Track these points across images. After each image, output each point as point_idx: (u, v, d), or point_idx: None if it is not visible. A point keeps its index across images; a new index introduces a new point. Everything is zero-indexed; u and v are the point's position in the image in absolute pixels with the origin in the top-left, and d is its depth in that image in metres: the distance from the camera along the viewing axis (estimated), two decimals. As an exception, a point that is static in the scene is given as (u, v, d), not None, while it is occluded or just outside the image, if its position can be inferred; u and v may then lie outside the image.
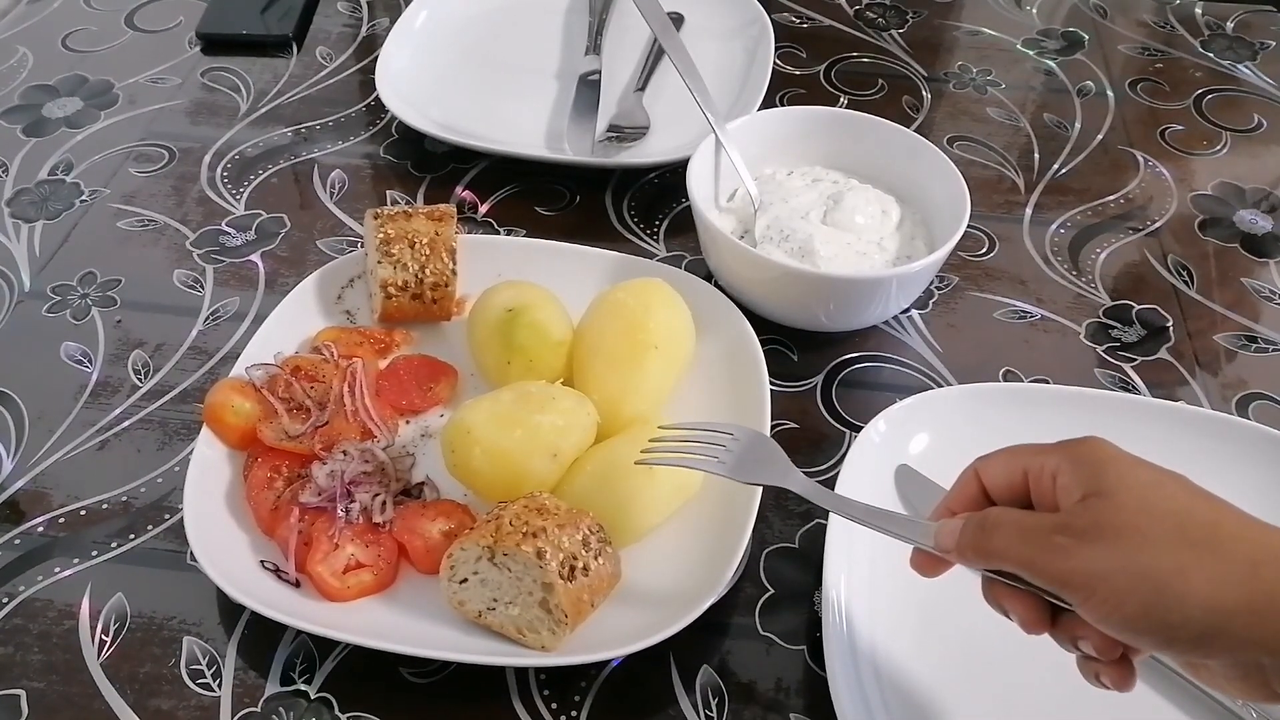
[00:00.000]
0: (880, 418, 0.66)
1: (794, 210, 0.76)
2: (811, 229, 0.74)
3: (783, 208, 0.76)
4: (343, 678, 0.58)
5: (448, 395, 0.70)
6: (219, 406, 0.65)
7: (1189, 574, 0.40)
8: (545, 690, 0.57)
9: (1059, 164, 0.92)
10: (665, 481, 0.61)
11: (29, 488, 0.66)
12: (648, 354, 0.66)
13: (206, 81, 0.98)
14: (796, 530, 0.65)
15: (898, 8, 1.10)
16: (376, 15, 1.07)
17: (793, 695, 0.58)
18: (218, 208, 0.85)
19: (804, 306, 0.73)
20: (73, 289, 0.78)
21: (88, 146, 0.91)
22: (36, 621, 0.60)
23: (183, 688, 0.57)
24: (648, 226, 0.85)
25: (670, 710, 0.57)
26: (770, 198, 0.78)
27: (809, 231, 0.73)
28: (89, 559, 0.62)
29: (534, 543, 0.54)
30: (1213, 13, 1.10)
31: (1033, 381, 0.73)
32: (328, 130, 0.93)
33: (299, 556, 0.60)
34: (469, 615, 0.57)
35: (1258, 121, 0.97)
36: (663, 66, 0.98)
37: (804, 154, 0.82)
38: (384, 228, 0.72)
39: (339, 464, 0.63)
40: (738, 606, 0.61)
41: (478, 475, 0.61)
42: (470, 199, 0.87)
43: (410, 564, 0.61)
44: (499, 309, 0.68)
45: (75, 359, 0.73)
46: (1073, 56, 1.04)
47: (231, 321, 0.76)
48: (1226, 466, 0.65)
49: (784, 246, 0.73)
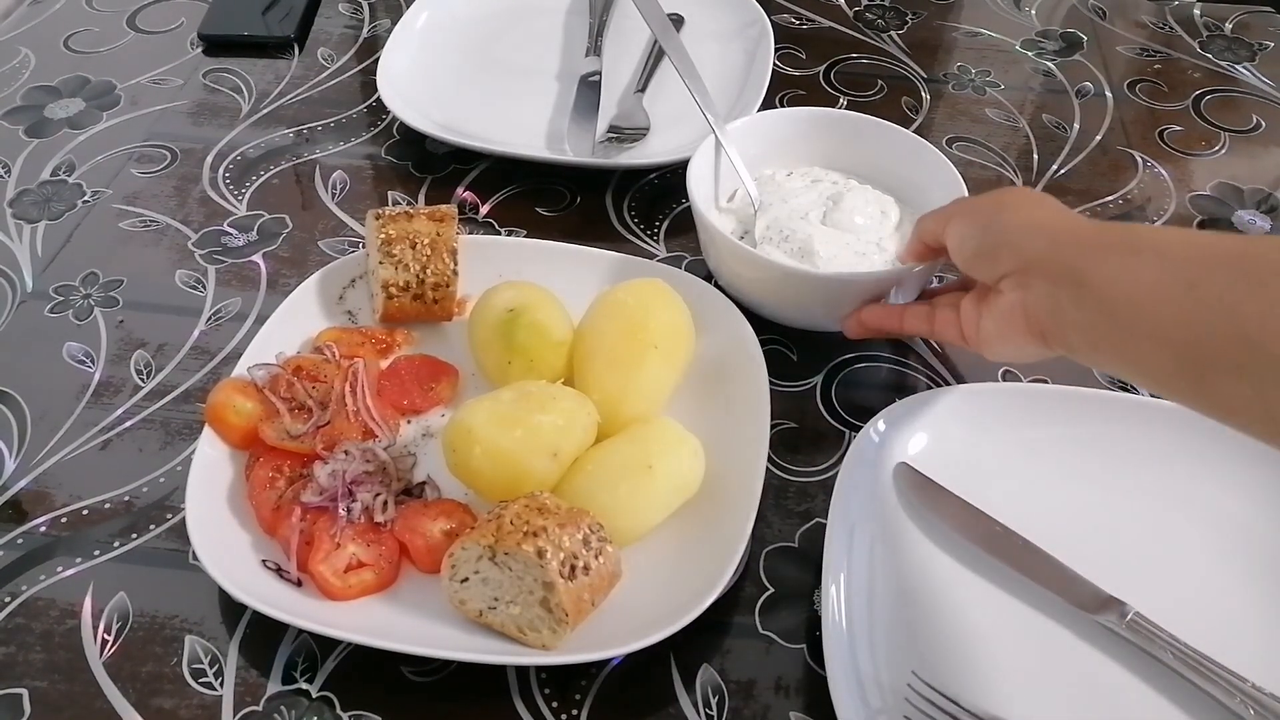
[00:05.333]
0: (880, 417, 0.67)
1: (794, 211, 0.76)
2: (811, 229, 0.73)
3: (782, 208, 0.76)
4: (344, 677, 0.58)
5: (449, 395, 0.70)
6: (221, 406, 0.65)
7: (1015, 206, 0.58)
8: (546, 689, 0.58)
9: (1058, 165, 0.92)
10: (665, 481, 0.61)
11: (31, 487, 0.66)
12: (648, 354, 0.66)
13: (208, 82, 0.98)
14: (796, 530, 0.65)
15: (897, 9, 1.10)
16: (378, 16, 1.08)
17: (792, 694, 0.58)
18: (220, 208, 0.85)
19: (803, 307, 0.73)
20: (75, 289, 0.78)
21: (90, 147, 0.91)
22: (39, 621, 0.60)
23: (185, 687, 0.57)
24: (648, 227, 0.85)
25: (670, 709, 0.57)
26: (770, 198, 0.77)
27: (808, 232, 0.73)
28: (91, 558, 0.63)
29: (535, 542, 0.55)
30: (1211, 14, 1.11)
31: (1031, 381, 0.73)
32: (329, 131, 0.93)
33: (301, 556, 0.60)
34: (470, 614, 0.57)
35: (1256, 122, 0.97)
36: (663, 68, 0.98)
37: (803, 155, 0.82)
38: (385, 228, 0.72)
39: (340, 463, 0.63)
40: (738, 606, 0.61)
41: (478, 475, 0.61)
42: (471, 200, 0.87)
43: (411, 563, 0.61)
44: (500, 309, 0.69)
45: (78, 359, 0.74)
46: (1071, 58, 1.04)
47: (233, 322, 0.76)
48: (1225, 466, 0.65)
49: (784, 247, 0.73)
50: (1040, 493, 0.65)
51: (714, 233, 0.73)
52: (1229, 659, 0.55)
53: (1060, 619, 0.59)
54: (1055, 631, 0.59)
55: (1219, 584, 0.61)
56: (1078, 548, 0.61)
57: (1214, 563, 0.62)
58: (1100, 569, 0.60)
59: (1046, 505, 0.64)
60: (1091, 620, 0.58)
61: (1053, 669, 0.58)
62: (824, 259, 0.72)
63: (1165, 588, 0.59)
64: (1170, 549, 0.63)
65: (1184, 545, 0.63)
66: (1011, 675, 0.57)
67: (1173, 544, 0.63)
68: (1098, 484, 0.66)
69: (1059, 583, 0.60)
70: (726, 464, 0.64)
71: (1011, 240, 0.56)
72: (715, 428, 0.66)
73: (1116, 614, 0.58)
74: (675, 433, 0.63)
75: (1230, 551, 0.63)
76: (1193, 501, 0.65)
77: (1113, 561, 0.60)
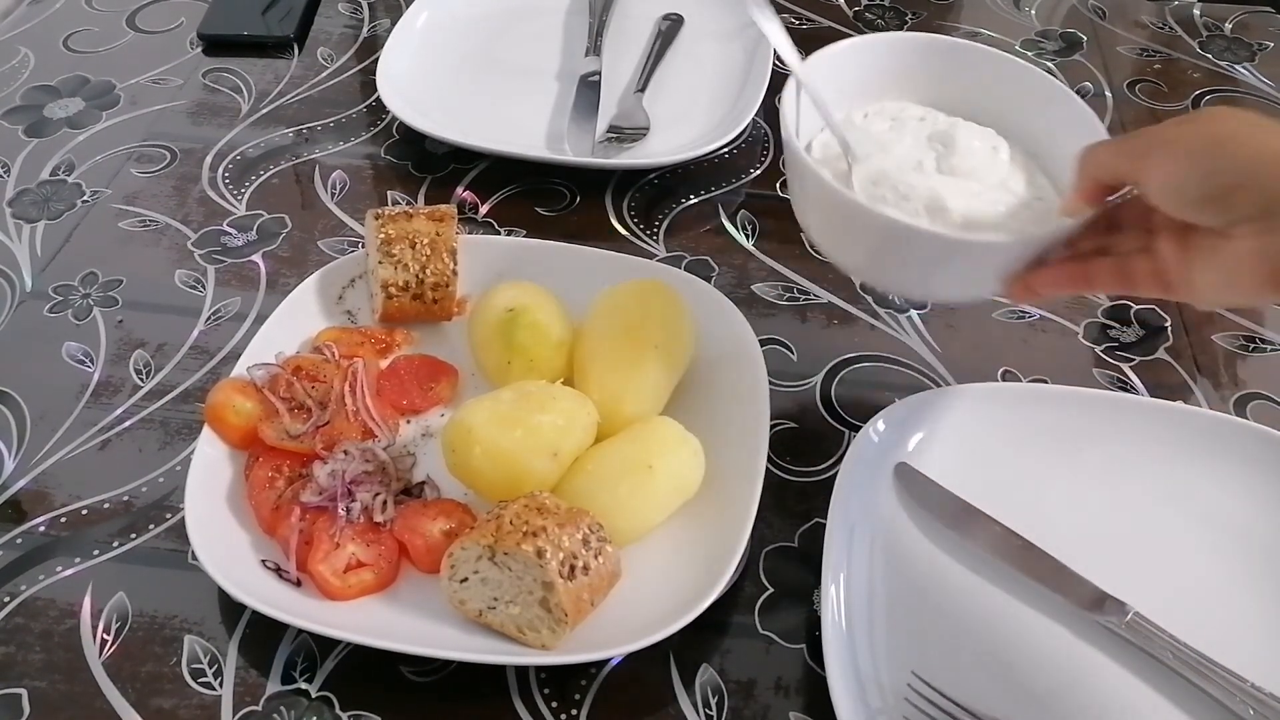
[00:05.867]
0: (879, 417, 0.67)
1: (901, 162, 0.63)
2: (932, 181, 0.61)
3: (885, 159, 0.63)
4: (344, 676, 0.58)
5: (448, 395, 0.70)
6: (220, 406, 0.65)
7: (1240, 137, 0.48)
8: (545, 689, 0.58)
9: (1058, 165, 0.92)
10: (665, 481, 0.61)
11: (31, 487, 0.66)
12: (648, 354, 0.66)
13: (208, 82, 0.98)
14: (796, 529, 0.65)
15: (896, 9, 1.10)
16: (377, 16, 1.08)
17: (792, 694, 0.58)
18: (219, 208, 0.85)
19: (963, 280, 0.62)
20: (74, 289, 0.78)
21: (89, 147, 0.91)
22: (38, 620, 0.60)
23: (184, 687, 0.57)
24: (648, 227, 0.85)
25: (670, 709, 0.57)
26: (864, 148, 0.64)
27: (930, 185, 0.61)
28: (90, 558, 0.63)
29: (534, 542, 0.54)
30: (1211, 14, 1.11)
31: (1031, 381, 0.73)
32: (329, 131, 0.93)
33: (300, 556, 0.60)
34: (469, 614, 0.57)
35: (1256, 122, 0.97)
36: (663, 68, 0.98)
37: (872, 90, 0.68)
38: (385, 228, 0.72)
39: (340, 463, 0.63)
40: (737, 606, 0.61)
41: (478, 475, 0.61)
42: (471, 199, 0.87)
43: (411, 563, 0.61)
44: (499, 309, 0.69)
45: (77, 359, 0.74)
46: (1071, 58, 1.04)
47: (233, 321, 0.76)
48: (1225, 466, 0.65)
49: (904, 207, 0.60)
50: (1040, 493, 0.65)
51: (848, 205, 0.59)
52: (1229, 659, 0.55)
53: (1060, 619, 0.59)
54: (1055, 631, 0.59)
55: (1219, 584, 0.61)
56: (1078, 548, 0.61)
57: (1214, 562, 0.62)
58: (1100, 569, 0.60)
59: (1046, 505, 0.64)
60: (1091, 620, 0.58)
61: (1053, 669, 0.58)
62: (960, 216, 0.60)
63: (1165, 588, 0.59)
64: (1170, 549, 0.63)
65: (1184, 545, 0.63)
66: (1011, 675, 0.57)
67: (1173, 544, 0.63)
68: (1098, 484, 0.66)
69: (1059, 583, 0.60)
70: (726, 464, 0.64)
71: (1253, 180, 0.47)
72: (715, 428, 0.66)
73: (1116, 614, 0.58)
74: (675, 433, 0.63)
75: (1230, 551, 0.63)
76: (1193, 501, 0.65)
77: (1113, 561, 0.60)
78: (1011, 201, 0.61)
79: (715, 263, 0.82)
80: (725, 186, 0.89)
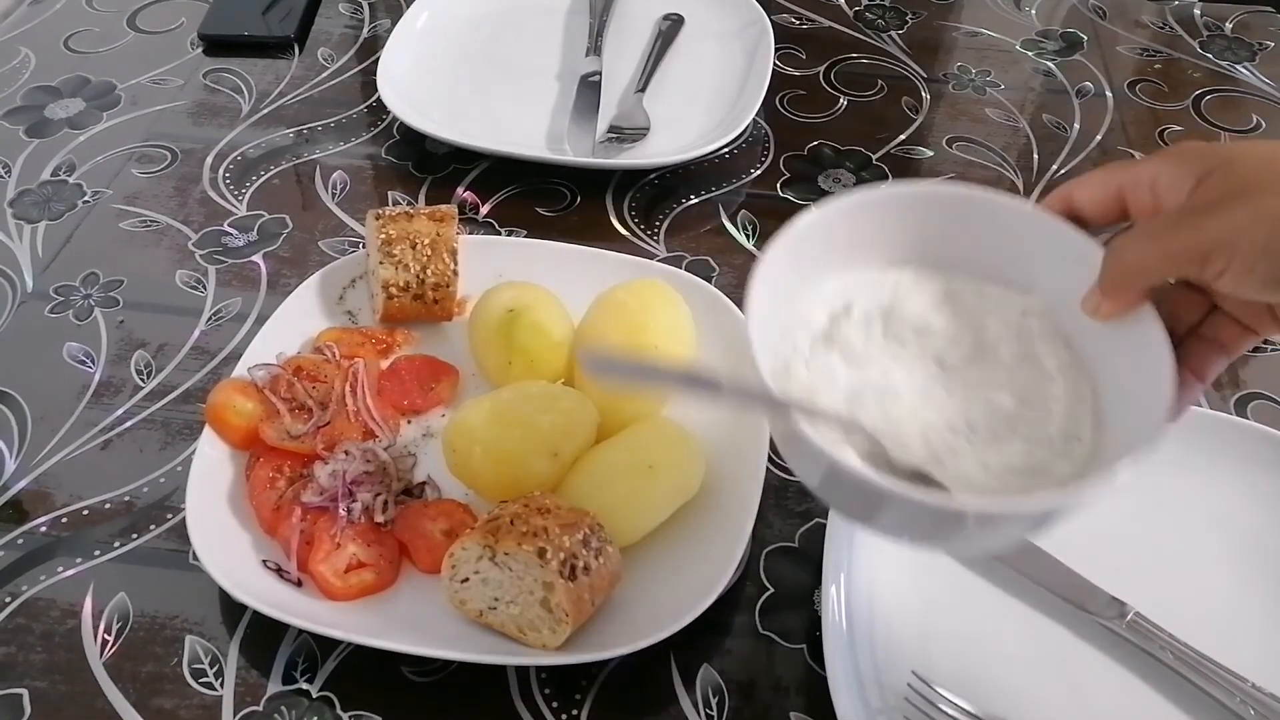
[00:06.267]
0: (880, 418, 0.66)
1: (924, 420, 0.46)
2: (961, 445, 0.46)
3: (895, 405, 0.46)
4: (344, 677, 0.58)
5: (449, 395, 0.70)
6: (221, 406, 0.65)
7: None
8: (546, 689, 0.58)
9: (1058, 165, 0.92)
10: (665, 481, 0.61)
11: (32, 487, 0.66)
12: (647, 354, 0.66)
13: (208, 83, 0.98)
14: (796, 530, 0.65)
15: (897, 9, 1.10)
16: (378, 16, 1.08)
17: (792, 694, 0.58)
18: (220, 209, 0.85)
19: None
20: (75, 289, 0.78)
21: (90, 147, 0.91)
22: (39, 621, 0.60)
23: (185, 687, 0.57)
24: (648, 227, 0.85)
25: (671, 709, 0.57)
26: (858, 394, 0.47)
27: (958, 447, 0.45)
28: (91, 558, 0.63)
29: (535, 542, 0.55)
30: (1211, 13, 1.11)
31: (1032, 381, 0.73)
32: (329, 131, 0.93)
33: (301, 556, 0.60)
34: (470, 614, 0.57)
35: (1256, 122, 0.97)
36: (663, 68, 0.98)
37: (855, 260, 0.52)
38: (385, 228, 0.72)
39: (341, 464, 0.63)
40: (738, 606, 0.61)
41: (479, 475, 0.61)
42: (471, 200, 0.87)
43: (412, 563, 0.61)
44: (500, 309, 0.69)
45: (78, 359, 0.74)
46: (1071, 57, 1.04)
47: (234, 322, 0.77)
48: (1225, 466, 0.65)
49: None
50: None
51: (873, 488, 0.42)
52: (1229, 659, 0.55)
53: (1060, 619, 0.59)
54: (1055, 631, 0.59)
55: (1219, 584, 0.61)
56: (1078, 547, 0.61)
57: (1214, 563, 0.62)
58: (1100, 569, 0.60)
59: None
60: (1091, 620, 0.58)
61: (1053, 669, 0.58)
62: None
63: (1165, 588, 0.59)
64: (1170, 549, 0.63)
65: (1184, 545, 0.63)
66: (1011, 675, 0.57)
67: (1173, 544, 0.63)
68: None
69: (1059, 583, 0.60)
70: (726, 464, 0.64)
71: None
72: (715, 428, 0.66)
73: (1116, 614, 0.58)
74: (675, 433, 0.64)
75: (1230, 551, 0.63)
76: (1193, 501, 0.65)
77: (1113, 561, 0.60)
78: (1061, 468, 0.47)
79: (715, 263, 0.82)
80: (725, 186, 0.89)
